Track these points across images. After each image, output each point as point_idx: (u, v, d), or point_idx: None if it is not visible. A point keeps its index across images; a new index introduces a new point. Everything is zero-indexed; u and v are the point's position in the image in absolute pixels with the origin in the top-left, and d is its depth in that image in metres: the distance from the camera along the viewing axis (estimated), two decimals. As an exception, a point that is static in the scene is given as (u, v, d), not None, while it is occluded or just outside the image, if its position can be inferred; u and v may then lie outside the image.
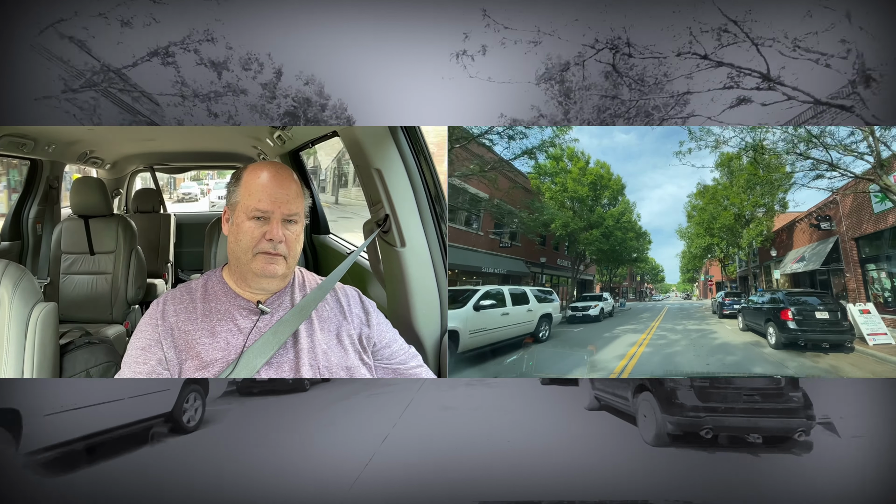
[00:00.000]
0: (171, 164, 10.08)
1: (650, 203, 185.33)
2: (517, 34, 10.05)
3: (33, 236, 7.91)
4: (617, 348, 11.13)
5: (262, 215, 2.45)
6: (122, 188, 10.29)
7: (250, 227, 2.46)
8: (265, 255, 2.46)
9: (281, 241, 2.46)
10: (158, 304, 2.57)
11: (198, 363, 2.42)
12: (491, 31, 10.04)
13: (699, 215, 28.44)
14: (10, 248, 7.60)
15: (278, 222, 2.46)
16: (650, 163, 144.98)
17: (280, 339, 2.48)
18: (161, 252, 9.71)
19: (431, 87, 37.71)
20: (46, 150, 7.06)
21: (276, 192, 2.47)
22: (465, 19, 20.72)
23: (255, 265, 2.47)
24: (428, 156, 3.82)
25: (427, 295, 3.72)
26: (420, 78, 37.95)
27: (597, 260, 32.98)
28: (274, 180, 2.50)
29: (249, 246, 2.46)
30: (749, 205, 22.36)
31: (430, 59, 33.20)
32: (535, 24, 10.07)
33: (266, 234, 2.45)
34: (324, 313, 2.71)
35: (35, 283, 3.77)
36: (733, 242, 27.02)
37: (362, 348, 2.73)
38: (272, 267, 2.47)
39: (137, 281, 6.99)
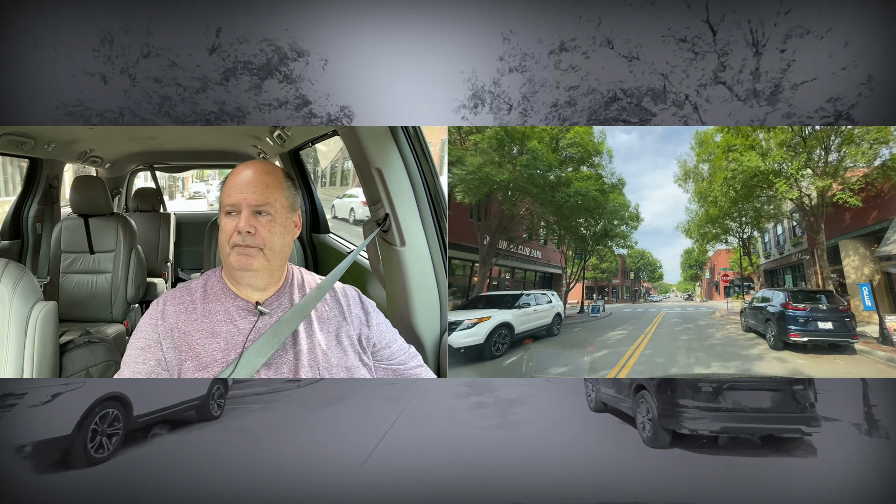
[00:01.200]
0: (170, 163, 10.08)
1: (651, 203, 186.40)
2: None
3: (33, 235, 7.91)
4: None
5: (233, 209, 2.50)
6: (122, 187, 10.30)
7: (225, 223, 2.52)
8: (238, 247, 2.49)
9: (251, 233, 2.47)
10: (158, 304, 2.58)
11: (197, 363, 2.42)
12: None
13: (707, 182, 17.97)
14: (10, 247, 7.60)
15: (246, 214, 2.48)
16: (651, 163, 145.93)
17: (279, 339, 2.48)
18: (161, 251, 9.71)
19: (432, 87, 37.55)
20: (46, 149, 7.06)
21: (243, 185, 2.51)
22: (468, 18, 20.65)
23: (232, 259, 2.50)
24: (428, 156, 3.82)
25: (427, 294, 3.71)
26: (421, 78, 37.83)
27: (555, 234, 23.63)
28: (246, 176, 2.54)
29: (225, 241, 2.51)
30: (797, 165, 12.83)
31: (431, 58, 33.08)
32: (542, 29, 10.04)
33: (237, 227, 2.48)
34: (323, 314, 2.70)
35: (35, 281, 3.77)
36: (758, 218, 19.51)
37: (361, 349, 2.72)
38: (246, 259, 2.49)
39: (137, 280, 6.99)
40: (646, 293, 66.60)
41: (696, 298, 63.24)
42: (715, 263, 56.24)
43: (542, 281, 29.62)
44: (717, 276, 54.22)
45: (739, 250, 26.46)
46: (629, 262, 59.93)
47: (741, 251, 25.87)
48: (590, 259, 29.19)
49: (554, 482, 5.29)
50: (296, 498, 4.92)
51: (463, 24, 10.99)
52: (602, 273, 49.81)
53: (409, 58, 11.11)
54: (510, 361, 9.16)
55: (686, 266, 65.06)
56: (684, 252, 63.64)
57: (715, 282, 54.82)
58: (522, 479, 5.34)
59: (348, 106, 11.97)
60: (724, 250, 47.34)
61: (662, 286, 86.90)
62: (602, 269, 49.63)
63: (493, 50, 10.54)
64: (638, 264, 62.00)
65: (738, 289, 42.15)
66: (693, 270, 63.58)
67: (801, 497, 4.94)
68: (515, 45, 10.36)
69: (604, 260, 46.17)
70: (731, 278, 38.73)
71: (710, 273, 58.60)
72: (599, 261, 44.90)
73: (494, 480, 5.32)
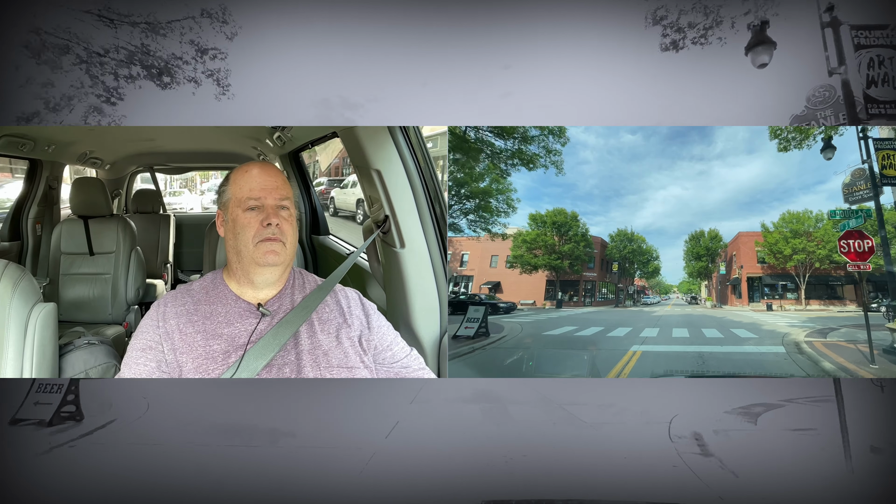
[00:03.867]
0: (170, 164, 10.09)
1: (654, 204, 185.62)
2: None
3: (33, 237, 7.90)
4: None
5: (256, 203, 2.54)
6: (122, 189, 10.30)
7: (247, 219, 2.54)
8: (267, 241, 2.52)
9: (278, 224, 2.54)
10: (159, 305, 2.59)
11: (198, 365, 2.43)
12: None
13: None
14: (10, 249, 7.59)
15: (272, 207, 2.55)
16: (655, 164, 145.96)
17: (280, 340, 2.49)
18: (160, 252, 9.72)
19: (432, 86, 37.76)
20: (46, 151, 7.06)
21: (264, 180, 2.58)
22: (471, 20, 20.63)
23: (258, 254, 2.52)
24: (428, 156, 3.82)
25: (427, 296, 3.71)
26: (421, 78, 38.04)
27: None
28: (261, 172, 2.63)
29: (249, 236, 2.52)
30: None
31: (433, 59, 33.39)
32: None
33: (263, 221, 2.52)
34: (324, 315, 2.72)
35: (34, 283, 3.77)
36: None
37: (362, 349, 2.74)
38: (274, 254, 2.53)
39: (137, 281, 6.99)
40: (635, 293, 50.34)
41: (706, 302, 46.66)
42: (734, 253, 39.27)
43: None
44: (735, 271, 38.17)
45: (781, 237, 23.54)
46: (612, 247, 43.30)
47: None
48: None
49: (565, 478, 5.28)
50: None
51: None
52: (560, 260, 35.13)
53: (411, 57, 11.08)
54: (510, 361, 9.16)
55: (691, 257, 45.23)
56: (689, 238, 45.11)
57: (734, 278, 38.36)
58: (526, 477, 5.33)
59: (350, 106, 11.92)
60: (749, 234, 36.77)
61: (661, 285, 72.06)
62: (564, 252, 35.34)
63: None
64: (624, 252, 43.55)
65: (767, 290, 33.31)
66: (703, 263, 44.12)
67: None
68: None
69: (567, 238, 34.34)
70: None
71: (727, 267, 41.50)
72: (560, 241, 33.86)
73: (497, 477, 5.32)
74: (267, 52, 29.37)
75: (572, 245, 35.32)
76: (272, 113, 33.06)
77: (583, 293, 38.82)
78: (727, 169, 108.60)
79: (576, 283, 38.56)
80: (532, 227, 36.15)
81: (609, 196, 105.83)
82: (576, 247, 35.67)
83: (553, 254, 34.94)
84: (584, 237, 36.52)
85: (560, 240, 35.21)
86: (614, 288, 43.47)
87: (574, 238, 35.74)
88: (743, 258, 35.69)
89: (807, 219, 31.46)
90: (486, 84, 44.33)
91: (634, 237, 44.71)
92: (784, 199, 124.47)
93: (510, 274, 37.33)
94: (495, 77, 48.69)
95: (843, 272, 30.34)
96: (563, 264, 35.45)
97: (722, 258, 42.31)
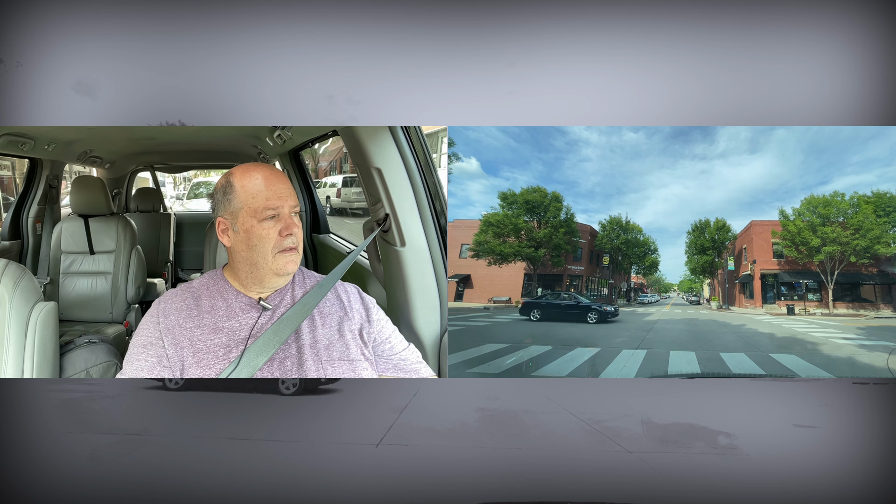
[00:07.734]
0: (170, 163, 10.09)
1: (655, 202, 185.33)
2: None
3: (33, 236, 7.91)
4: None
5: (274, 213, 2.49)
6: (122, 188, 10.30)
7: (265, 229, 2.48)
8: (291, 251, 2.51)
9: (295, 233, 2.54)
10: (160, 302, 2.60)
11: (199, 359, 2.44)
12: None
13: None
14: (10, 248, 7.60)
15: (289, 215, 2.52)
16: (657, 162, 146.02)
17: (281, 337, 2.50)
18: (161, 251, 9.73)
19: (432, 87, 37.73)
20: (46, 149, 7.06)
21: (278, 188, 2.52)
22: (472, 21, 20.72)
23: (278, 265, 2.51)
24: (428, 155, 3.83)
25: (427, 294, 3.72)
26: (421, 78, 38.01)
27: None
28: (271, 178, 2.55)
29: (269, 248, 2.49)
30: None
31: (433, 58, 33.40)
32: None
33: (282, 231, 2.49)
34: (325, 309, 2.74)
35: (35, 282, 3.78)
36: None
37: (363, 342, 2.76)
38: (293, 265, 2.54)
39: (137, 280, 7.00)
40: (630, 290, 44.81)
41: (711, 302, 41.34)
42: (744, 246, 33.49)
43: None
44: (746, 266, 32.18)
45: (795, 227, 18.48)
46: (602, 237, 36.26)
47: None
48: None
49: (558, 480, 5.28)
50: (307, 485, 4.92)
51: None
52: (534, 249, 28.22)
53: (411, 58, 11.11)
54: (510, 361, 9.17)
55: (694, 250, 37.20)
56: (693, 229, 37.09)
57: (745, 275, 32.54)
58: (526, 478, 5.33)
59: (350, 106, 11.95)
60: (763, 223, 31.03)
61: (660, 283, 68.44)
62: (539, 238, 27.77)
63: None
64: (617, 242, 36.64)
65: (784, 290, 28.25)
66: (708, 257, 35.95)
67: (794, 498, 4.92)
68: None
69: (545, 223, 27.14)
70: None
71: (736, 262, 34.93)
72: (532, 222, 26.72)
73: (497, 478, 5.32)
74: (269, 49, 29.38)
75: (549, 230, 28.31)
76: (272, 113, 32.99)
77: (567, 289, 31.89)
78: (729, 168, 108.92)
79: (559, 277, 32.52)
80: (504, 209, 29.19)
81: (611, 194, 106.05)
82: (554, 233, 28.63)
83: (528, 241, 28.19)
84: (565, 223, 29.91)
85: (538, 225, 28.83)
86: (606, 283, 38.15)
87: (552, 223, 28.83)
88: (756, 251, 30.32)
89: (840, 202, 25.30)
90: (490, 82, 44.14)
91: (629, 226, 37.42)
92: (784, 199, 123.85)
93: (481, 266, 30.55)
94: (498, 74, 48.54)
95: (874, 269, 25.76)
96: (537, 254, 28.37)
97: (730, 252, 35.73)
